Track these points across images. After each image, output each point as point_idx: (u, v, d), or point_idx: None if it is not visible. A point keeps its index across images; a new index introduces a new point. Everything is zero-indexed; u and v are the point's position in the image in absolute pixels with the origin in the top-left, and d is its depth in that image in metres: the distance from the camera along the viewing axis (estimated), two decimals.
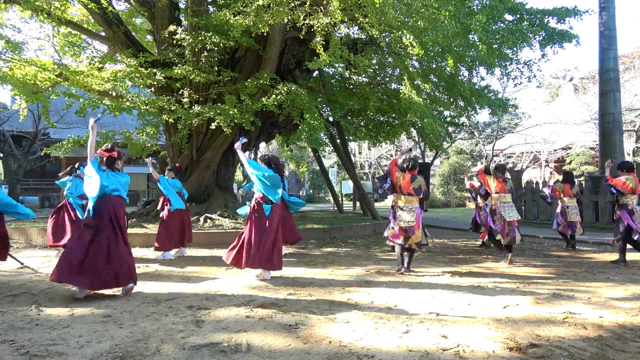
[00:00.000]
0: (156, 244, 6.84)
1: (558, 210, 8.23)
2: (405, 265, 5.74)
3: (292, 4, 7.78)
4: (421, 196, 5.75)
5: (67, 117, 17.45)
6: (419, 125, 11.13)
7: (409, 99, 8.53)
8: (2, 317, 3.70)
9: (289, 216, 6.96)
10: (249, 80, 9.00)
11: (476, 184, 8.00)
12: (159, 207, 7.34)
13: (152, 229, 8.76)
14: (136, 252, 7.59)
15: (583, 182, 12.73)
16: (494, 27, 8.22)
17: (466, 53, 8.79)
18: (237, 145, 5.33)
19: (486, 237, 7.71)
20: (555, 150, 25.13)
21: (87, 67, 9.57)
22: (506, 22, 8.78)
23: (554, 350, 2.96)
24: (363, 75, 12.35)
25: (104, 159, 4.55)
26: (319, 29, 7.50)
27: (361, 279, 5.35)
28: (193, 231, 8.78)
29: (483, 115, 35.96)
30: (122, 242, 4.42)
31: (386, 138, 14.36)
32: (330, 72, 13.19)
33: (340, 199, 19.00)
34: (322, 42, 7.75)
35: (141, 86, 10.20)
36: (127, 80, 9.38)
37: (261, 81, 8.92)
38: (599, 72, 13.19)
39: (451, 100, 11.15)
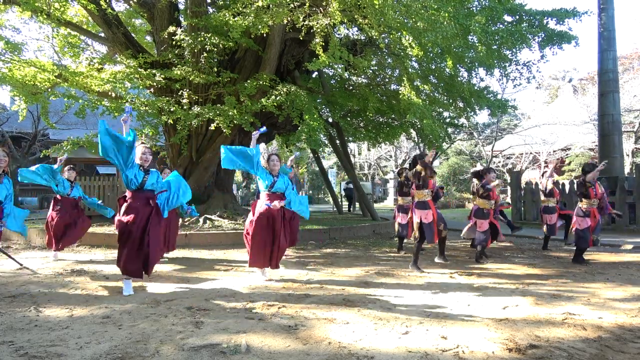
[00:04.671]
0: None
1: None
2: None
3: (292, 5, 7.78)
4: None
5: (67, 118, 17.43)
6: (419, 126, 11.13)
7: (409, 100, 8.54)
8: (1, 318, 3.69)
9: None
10: (249, 81, 9.00)
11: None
12: None
13: None
14: None
15: None
16: (493, 28, 8.23)
17: (465, 54, 8.80)
18: (255, 135, 5.23)
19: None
20: (554, 151, 25.15)
21: (87, 68, 9.56)
22: (505, 24, 8.79)
23: (554, 351, 2.96)
24: (362, 76, 12.36)
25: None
26: (319, 30, 7.50)
27: (360, 279, 5.35)
28: (192, 232, 8.77)
29: (482, 116, 36.08)
30: None
31: (386, 139, 14.36)
32: (330, 73, 13.19)
33: (339, 199, 19.00)
34: (321, 43, 7.76)
35: (140, 87, 10.20)
36: (127, 81, 9.37)
37: (261, 82, 8.92)
38: (598, 73, 13.20)
39: (450, 101, 11.16)
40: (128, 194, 4.69)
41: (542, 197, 8.17)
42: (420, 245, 5.99)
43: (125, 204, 4.64)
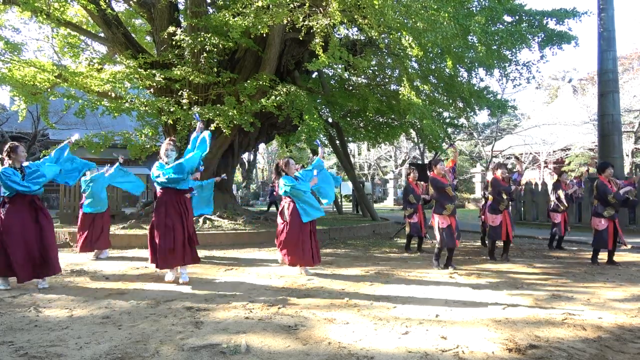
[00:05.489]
0: None
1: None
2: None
3: (292, 5, 7.78)
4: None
5: (66, 118, 17.42)
6: (418, 126, 11.14)
7: (408, 100, 8.54)
8: (1, 318, 3.69)
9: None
10: (249, 81, 9.00)
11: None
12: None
13: None
14: (135, 252, 7.60)
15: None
16: (493, 29, 8.23)
17: (465, 54, 8.80)
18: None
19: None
20: (554, 152, 25.17)
21: (86, 68, 9.56)
22: (505, 24, 8.79)
23: (553, 351, 2.96)
24: (362, 77, 12.35)
25: None
26: (318, 30, 7.50)
27: (360, 279, 5.35)
28: None
29: (482, 117, 36.07)
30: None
31: (385, 139, 14.36)
32: (330, 73, 13.19)
33: (339, 200, 18.99)
34: (321, 43, 7.76)
35: (140, 87, 10.20)
36: (126, 81, 9.37)
37: (260, 82, 8.92)
38: (598, 73, 13.19)
39: (450, 101, 11.16)
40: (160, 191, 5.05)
41: (551, 199, 8.25)
42: (441, 250, 6.18)
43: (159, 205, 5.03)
